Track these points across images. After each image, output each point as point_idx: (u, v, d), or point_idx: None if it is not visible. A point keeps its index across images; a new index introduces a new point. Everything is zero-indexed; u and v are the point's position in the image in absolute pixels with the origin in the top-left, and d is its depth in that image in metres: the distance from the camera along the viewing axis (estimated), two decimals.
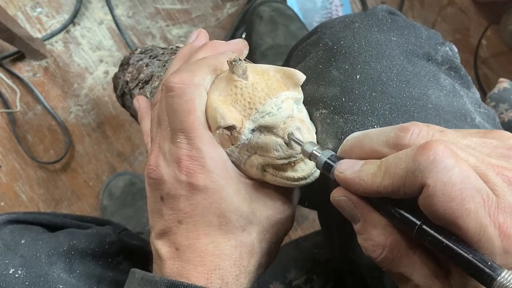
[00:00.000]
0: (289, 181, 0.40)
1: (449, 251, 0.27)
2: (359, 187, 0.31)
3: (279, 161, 0.39)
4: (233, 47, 0.44)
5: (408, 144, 0.29)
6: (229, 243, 0.39)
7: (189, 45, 0.46)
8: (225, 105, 0.38)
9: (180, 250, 0.39)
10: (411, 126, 0.30)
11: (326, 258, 0.75)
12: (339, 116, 0.41)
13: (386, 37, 0.43)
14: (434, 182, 0.26)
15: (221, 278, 0.38)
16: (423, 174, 0.26)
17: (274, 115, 0.38)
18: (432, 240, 0.28)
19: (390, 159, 0.29)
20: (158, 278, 0.37)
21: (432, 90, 0.41)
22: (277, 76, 0.39)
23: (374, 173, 0.30)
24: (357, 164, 0.31)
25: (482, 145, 0.29)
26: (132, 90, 0.55)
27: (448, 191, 0.26)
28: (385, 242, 0.30)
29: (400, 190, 0.28)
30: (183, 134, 0.38)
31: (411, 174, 0.27)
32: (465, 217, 0.26)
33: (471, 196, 0.25)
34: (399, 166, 0.28)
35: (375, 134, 0.31)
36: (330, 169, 0.34)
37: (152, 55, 0.56)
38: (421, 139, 0.29)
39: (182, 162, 0.38)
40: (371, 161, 0.31)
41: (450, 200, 0.26)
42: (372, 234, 0.31)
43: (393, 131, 0.30)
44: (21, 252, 0.48)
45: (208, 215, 0.38)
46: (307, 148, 0.36)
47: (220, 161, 0.39)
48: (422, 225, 0.28)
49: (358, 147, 0.32)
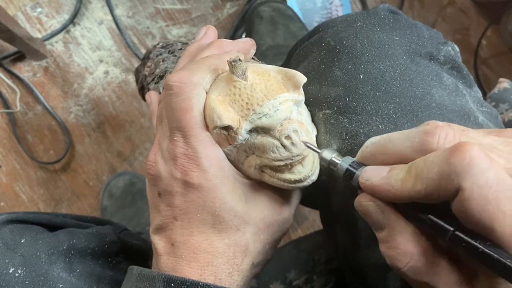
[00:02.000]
0: (286, 183, 0.40)
1: (485, 257, 0.26)
2: (388, 193, 0.30)
3: (275, 163, 0.39)
4: (240, 46, 0.44)
5: (436, 149, 0.28)
6: (222, 241, 0.39)
7: (197, 43, 0.46)
8: (222, 105, 0.38)
9: (175, 245, 0.39)
10: (436, 130, 0.29)
11: (326, 259, 0.75)
12: (343, 116, 0.41)
13: (388, 37, 0.43)
14: (470, 185, 0.25)
15: (214, 274, 0.38)
16: (459, 177, 0.26)
17: (271, 116, 0.38)
18: (467, 246, 0.27)
19: (420, 163, 0.28)
20: (156, 273, 0.38)
21: (435, 89, 0.41)
22: (277, 77, 0.39)
23: (404, 178, 0.29)
24: (383, 170, 0.30)
25: (504, 143, 0.29)
26: (148, 84, 0.55)
27: (485, 194, 0.25)
28: (413, 250, 0.30)
29: (434, 194, 0.27)
30: (180, 132, 0.39)
31: (445, 177, 0.26)
32: (501, 220, 0.25)
33: (507, 198, 0.25)
34: (432, 170, 0.27)
35: (398, 139, 0.30)
36: (351, 175, 0.33)
37: (170, 50, 0.56)
38: (449, 143, 0.28)
39: (178, 160, 0.38)
40: (397, 166, 0.30)
41: (487, 203, 0.25)
42: (398, 242, 0.30)
43: (418, 136, 0.29)
44: (21, 251, 0.48)
45: (202, 213, 0.39)
46: (325, 156, 0.35)
47: (215, 160, 0.39)
48: (456, 231, 0.27)
49: (381, 153, 0.31)
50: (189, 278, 0.37)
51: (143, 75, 0.57)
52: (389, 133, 0.32)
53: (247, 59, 0.45)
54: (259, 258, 0.42)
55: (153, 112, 0.49)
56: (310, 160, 0.40)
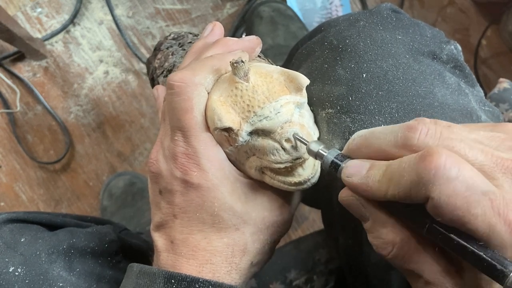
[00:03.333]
0: (286, 185, 0.40)
1: (460, 249, 0.27)
2: (367, 193, 0.31)
3: (276, 165, 0.39)
4: (246, 45, 0.44)
5: (417, 144, 0.29)
6: (221, 240, 0.39)
7: (202, 40, 0.46)
8: (223, 107, 0.38)
9: (174, 243, 0.40)
10: (419, 125, 0.29)
11: (327, 259, 0.75)
12: (346, 116, 0.41)
13: (391, 36, 0.43)
14: (437, 195, 0.26)
15: (212, 272, 0.39)
16: (426, 188, 0.26)
17: (272, 119, 0.38)
18: (443, 238, 0.28)
19: (394, 167, 0.29)
20: (156, 270, 0.38)
21: (438, 88, 0.41)
22: (280, 79, 0.39)
23: (380, 180, 0.29)
24: (363, 168, 0.31)
25: (490, 138, 0.29)
26: (158, 77, 0.55)
27: (453, 202, 0.26)
28: (395, 240, 0.31)
29: (407, 199, 0.28)
30: (180, 132, 0.39)
31: (415, 186, 0.27)
32: (472, 221, 0.26)
33: (477, 201, 0.26)
34: (403, 177, 0.28)
35: (382, 133, 0.31)
36: (337, 168, 0.33)
37: (180, 43, 0.56)
38: (430, 138, 0.29)
39: (178, 159, 0.39)
40: (377, 165, 0.30)
41: (455, 209, 0.26)
42: (381, 232, 0.31)
43: (401, 131, 0.30)
44: (21, 250, 0.48)
45: (202, 213, 0.39)
46: (312, 147, 0.36)
47: (215, 160, 0.39)
48: (432, 224, 0.28)
49: (365, 147, 0.32)
50: (191, 274, 0.37)
51: (153, 67, 0.57)
52: (376, 127, 0.32)
53: (252, 57, 0.44)
54: (258, 257, 0.42)
55: (160, 106, 0.49)
56: (311, 163, 0.40)
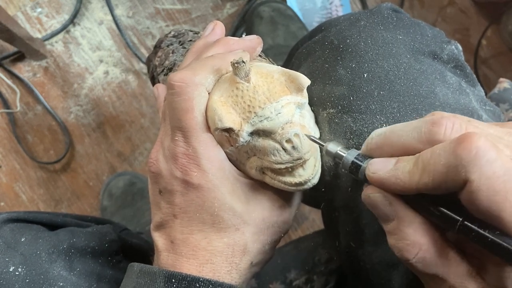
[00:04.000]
0: (287, 186, 0.40)
1: (495, 246, 0.26)
2: (396, 186, 0.30)
3: (276, 166, 0.39)
4: (247, 45, 0.44)
5: (443, 139, 0.28)
6: (221, 240, 0.39)
7: (203, 39, 0.46)
8: (224, 107, 0.38)
9: (174, 243, 0.39)
10: (442, 120, 0.29)
11: (327, 259, 0.75)
12: (347, 116, 0.41)
13: (392, 35, 0.43)
14: (478, 177, 0.25)
15: (212, 272, 0.39)
16: (466, 169, 0.26)
17: (272, 120, 0.37)
18: (476, 236, 0.27)
19: (427, 155, 0.28)
20: (157, 269, 0.38)
21: (439, 88, 0.41)
22: (281, 79, 0.39)
23: (411, 170, 0.29)
24: (389, 163, 0.30)
25: (508, 134, 0.29)
26: (158, 75, 0.55)
27: (492, 185, 0.25)
28: (421, 241, 0.30)
29: (441, 186, 0.27)
30: (181, 132, 0.39)
31: (453, 169, 0.26)
32: (509, 209, 0.25)
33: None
34: (438, 162, 0.27)
35: (403, 130, 0.31)
36: (358, 168, 0.33)
37: (181, 41, 0.55)
38: (456, 133, 0.28)
39: (178, 160, 0.39)
40: (404, 158, 0.30)
41: (495, 193, 0.25)
42: (407, 233, 0.30)
43: (425, 126, 0.29)
44: (21, 250, 0.48)
45: (202, 213, 0.39)
46: (331, 149, 0.35)
47: (216, 161, 0.39)
48: (464, 221, 0.28)
49: (387, 145, 0.31)
50: (191, 274, 0.37)
51: (154, 64, 0.57)
52: (394, 124, 0.32)
53: (253, 57, 0.44)
54: (258, 258, 0.42)
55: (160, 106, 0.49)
56: (312, 164, 0.40)
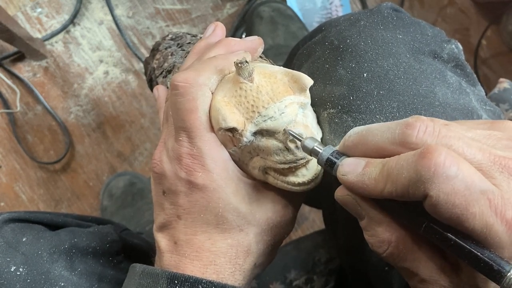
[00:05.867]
0: (290, 186, 0.40)
1: (457, 248, 0.27)
2: (363, 191, 0.30)
3: (279, 165, 0.39)
4: (248, 46, 0.44)
5: (415, 142, 0.29)
6: (225, 241, 0.39)
7: (205, 40, 0.46)
8: (228, 107, 0.38)
9: (178, 244, 0.39)
10: (416, 122, 0.29)
11: (327, 259, 0.75)
12: (347, 115, 0.41)
13: (392, 35, 0.43)
14: (436, 193, 0.26)
15: (216, 273, 0.39)
16: (425, 185, 0.26)
17: (276, 119, 0.37)
18: (440, 238, 0.28)
19: (392, 164, 0.28)
20: (159, 270, 0.38)
21: (439, 87, 0.41)
22: (284, 80, 0.39)
23: (377, 178, 0.29)
24: (359, 166, 0.31)
25: (487, 137, 0.29)
26: (157, 77, 0.55)
27: (452, 200, 0.26)
28: (391, 238, 0.31)
29: (405, 196, 0.28)
30: (185, 132, 0.39)
31: (413, 184, 0.27)
32: (470, 220, 0.26)
33: (476, 200, 0.26)
34: (401, 174, 0.27)
35: (379, 130, 0.31)
36: (332, 165, 0.33)
37: (179, 43, 0.55)
38: (428, 136, 0.28)
39: (183, 160, 0.39)
40: (373, 162, 0.30)
41: (454, 207, 0.26)
42: (377, 231, 0.31)
43: (398, 128, 0.29)
44: (23, 250, 0.48)
45: (206, 213, 0.39)
46: (307, 144, 0.35)
47: (220, 161, 0.39)
48: (430, 223, 0.28)
49: (362, 144, 0.32)
50: (194, 275, 0.37)
51: (151, 67, 0.57)
52: (372, 124, 0.32)
53: (254, 57, 0.44)
54: (262, 259, 0.42)
55: (160, 106, 0.49)
56: (314, 163, 0.40)
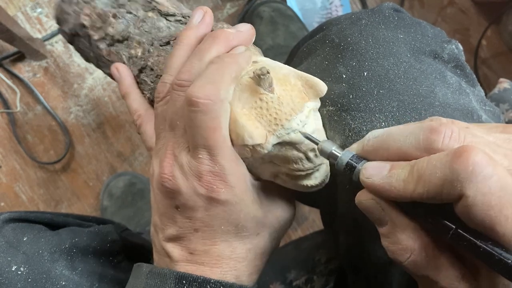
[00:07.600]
0: (301, 188, 0.40)
1: (487, 256, 0.27)
2: (390, 193, 0.29)
3: (296, 173, 0.38)
4: (243, 38, 0.43)
5: (441, 148, 0.28)
6: (245, 247, 0.40)
7: (194, 30, 0.43)
8: (251, 122, 0.37)
9: (194, 254, 0.39)
10: (441, 127, 0.28)
11: (327, 259, 0.75)
12: (346, 113, 0.41)
13: (393, 35, 0.43)
14: (474, 193, 0.25)
15: (235, 277, 0.39)
16: (462, 184, 0.26)
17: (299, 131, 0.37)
18: (468, 245, 0.27)
19: (423, 165, 0.28)
20: (167, 270, 0.38)
21: (439, 87, 0.41)
22: (298, 84, 0.38)
23: (406, 179, 0.28)
24: (384, 169, 0.30)
25: (507, 141, 0.29)
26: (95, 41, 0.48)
27: (488, 201, 0.25)
28: (414, 245, 0.30)
29: (436, 197, 0.27)
30: (206, 150, 0.37)
31: (448, 183, 0.26)
32: (503, 223, 0.25)
33: (510, 203, 0.25)
34: (434, 174, 0.27)
35: (401, 134, 0.30)
36: (352, 170, 0.32)
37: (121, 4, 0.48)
38: (454, 142, 0.28)
39: (203, 178, 0.37)
40: (399, 164, 0.30)
41: (489, 208, 0.25)
42: (400, 238, 0.30)
43: (423, 134, 0.29)
44: (24, 249, 0.48)
45: (227, 225, 0.38)
46: (325, 148, 0.34)
47: (241, 176, 0.38)
48: (457, 229, 0.27)
49: (383, 149, 0.31)
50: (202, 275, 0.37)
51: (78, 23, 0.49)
52: (392, 127, 0.32)
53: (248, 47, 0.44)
54: (271, 254, 0.43)
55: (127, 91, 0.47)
56: (324, 165, 0.40)
